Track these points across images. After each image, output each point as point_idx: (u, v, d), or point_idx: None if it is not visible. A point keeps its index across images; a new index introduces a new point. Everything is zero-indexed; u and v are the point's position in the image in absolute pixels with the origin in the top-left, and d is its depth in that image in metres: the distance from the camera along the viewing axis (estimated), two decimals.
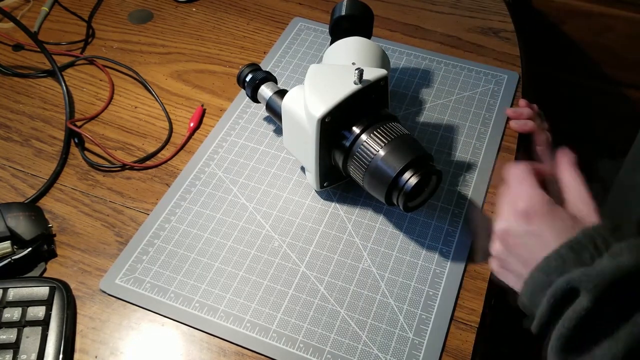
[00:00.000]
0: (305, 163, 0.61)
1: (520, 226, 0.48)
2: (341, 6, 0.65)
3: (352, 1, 0.66)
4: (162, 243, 0.59)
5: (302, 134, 0.57)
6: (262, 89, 0.65)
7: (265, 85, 0.65)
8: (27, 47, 0.80)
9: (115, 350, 0.53)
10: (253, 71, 0.66)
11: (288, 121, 0.59)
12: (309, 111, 0.54)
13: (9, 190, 0.64)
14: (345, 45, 0.63)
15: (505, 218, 0.49)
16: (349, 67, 0.57)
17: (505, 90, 0.74)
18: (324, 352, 0.52)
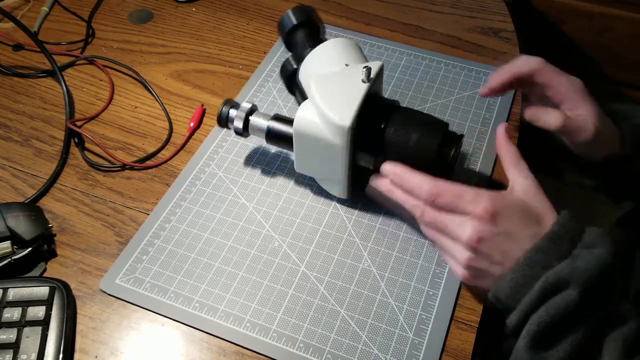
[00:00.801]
0: (330, 177, 0.60)
1: (488, 230, 0.48)
2: (288, 18, 0.64)
3: (296, 10, 0.64)
4: (162, 243, 0.59)
5: (325, 150, 0.56)
6: (253, 120, 0.61)
7: (255, 115, 0.62)
8: (27, 47, 0.80)
9: (115, 350, 0.53)
10: (233, 106, 0.62)
11: (304, 143, 0.57)
12: (334, 123, 0.53)
13: (9, 190, 0.64)
14: (327, 50, 0.61)
15: (470, 225, 0.48)
16: (349, 69, 0.57)
17: None
18: (324, 352, 0.52)
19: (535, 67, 0.56)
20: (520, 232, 0.48)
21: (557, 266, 0.45)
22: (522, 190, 0.50)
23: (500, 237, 0.48)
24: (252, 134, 0.62)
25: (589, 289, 0.44)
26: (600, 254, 0.45)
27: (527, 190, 0.50)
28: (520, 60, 0.57)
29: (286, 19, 0.64)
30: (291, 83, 0.66)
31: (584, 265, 0.44)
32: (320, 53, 0.60)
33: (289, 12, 0.64)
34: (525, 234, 0.48)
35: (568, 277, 0.44)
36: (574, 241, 0.46)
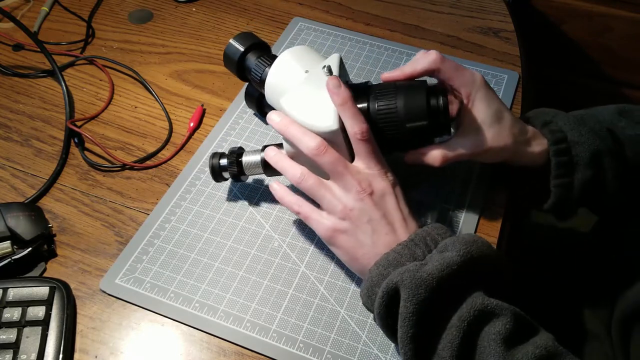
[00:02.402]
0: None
1: (367, 205, 0.51)
2: (234, 46, 0.63)
3: (239, 36, 0.64)
4: (162, 243, 0.59)
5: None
6: (246, 160, 0.60)
7: (245, 155, 0.60)
8: (27, 47, 0.80)
9: (115, 350, 0.53)
10: (222, 157, 0.60)
11: (303, 162, 0.55)
12: (323, 131, 0.53)
13: (9, 190, 0.64)
14: (282, 66, 0.59)
15: (354, 193, 0.51)
16: (310, 75, 0.56)
17: (505, 90, 0.74)
18: (324, 352, 0.52)
19: (432, 66, 0.55)
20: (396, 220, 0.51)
21: (400, 269, 0.47)
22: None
23: (377, 212, 0.51)
24: (249, 174, 0.61)
25: (441, 288, 0.45)
26: (446, 256, 0.46)
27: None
28: (419, 58, 0.56)
29: (232, 48, 0.63)
30: (262, 107, 0.67)
31: (432, 266, 0.46)
32: (276, 72, 0.59)
33: (232, 41, 0.64)
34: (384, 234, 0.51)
35: (400, 282, 0.46)
36: (429, 246, 0.49)
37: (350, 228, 0.51)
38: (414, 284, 0.45)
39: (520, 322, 0.45)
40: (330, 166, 0.51)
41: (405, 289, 0.45)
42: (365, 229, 0.50)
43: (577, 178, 0.56)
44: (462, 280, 0.46)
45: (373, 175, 0.51)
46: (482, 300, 0.45)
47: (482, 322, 0.45)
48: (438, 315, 0.45)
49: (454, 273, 0.46)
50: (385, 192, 0.51)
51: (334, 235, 0.52)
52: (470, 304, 0.45)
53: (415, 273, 0.45)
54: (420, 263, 0.47)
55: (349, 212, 0.51)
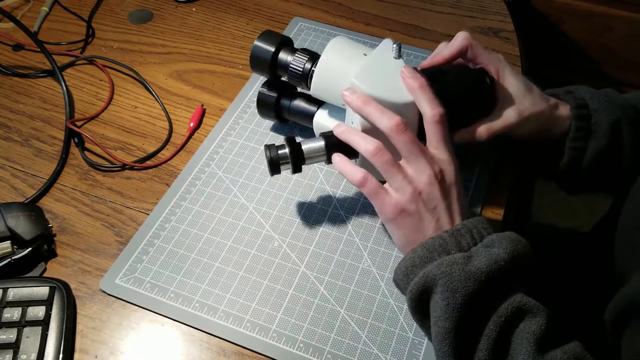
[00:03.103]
0: None
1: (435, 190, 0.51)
2: (263, 47, 0.62)
3: (264, 35, 0.63)
4: (162, 243, 0.59)
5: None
6: (307, 146, 0.57)
7: (304, 142, 0.57)
8: (27, 47, 0.80)
9: (115, 350, 0.53)
10: (279, 146, 0.57)
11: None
12: (400, 103, 0.53)
13: (9, 190, 0.64)
14: (336, 52, 0.60)
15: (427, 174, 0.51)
16: (374, 55, 0.57)
17: None
18: (324, 352, 0.52)
19: (466, 42, 0.58)
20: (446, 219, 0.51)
21: (451, 256, 0.48)
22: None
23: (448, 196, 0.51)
24: (309, 162, 0.57)
25: (488, 283, 0.46)
26: (497, 253, 0.47)
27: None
28: (450, 43, 0.59)
29: (260, 49, 0.62)
30: (280, 111, 0.66)
31: (481, 261, 0.47)
32: (330, 58, 0.59)
33: (258, 43, 0.63)
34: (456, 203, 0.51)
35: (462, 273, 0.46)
36: (475, 239, 0.49)
37: (416, 211, 0.50)
38: (463, 276, 0.46)
39: (553, 325, 0.46)
40: (408, 146, 0.50)
41: (454, 280, 0.46)
42: (430, 216, 0.50)
43: (591, 146, 0.58)
44: (506, 277, 0.47)
45: (445, 161, 0.51)
46: (521, 298, 0.46)
47: (519, 320, 0.46)
48: (481, 309, 0.46)
49: (500, 269, 0.46)
50: (453, 181, 0.51)
51: (400, 215, 0.51)
52: (510, 300, 0.46)
53: (464, 266, 0.46)
54: (466, 255, 0.47)
55: (418, 195, 0.50)
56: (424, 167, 0.50)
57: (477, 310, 0.46)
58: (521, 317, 0.46)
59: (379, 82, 0.54)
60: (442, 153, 0.51)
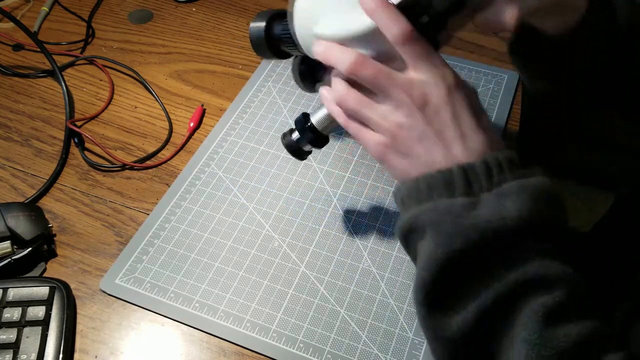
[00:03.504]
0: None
1: (437, 93, 0.42)
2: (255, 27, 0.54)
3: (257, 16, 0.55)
4: (162, 243, 0.59)
5: None
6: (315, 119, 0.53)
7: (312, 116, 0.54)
8: (27, 47, 0.80)
9: (115, 350, 0.53)
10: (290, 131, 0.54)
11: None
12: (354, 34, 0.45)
13: (9, 190, 0.64)
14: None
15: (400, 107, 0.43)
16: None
17: (505, 90, 0.74)
18: (324, 352, 0.52)
19: None
20: (468, 124, 0.42)
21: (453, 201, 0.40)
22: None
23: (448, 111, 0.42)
24: (326, 132, 0.53)
25: (483, 245, 0.38)
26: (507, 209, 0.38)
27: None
28: None
29: (254, 30, 0.54)
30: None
31: (480, 214, 0.38)
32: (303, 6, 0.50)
33: (252, 24, 0.54)
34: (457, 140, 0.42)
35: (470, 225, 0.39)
36: (492, 181, 0.40)
37: (401, 147, 0.44)
38: (452, 230, 0.38)
39: (576, 297, 0.38)
40: (373, 80, 0.43)
41: (440, 233, 0.39)
42: (418, 148, 0.43)
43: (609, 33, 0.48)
44: (514, 242, 0.39)
45: (426, 83, 0.43)
46: (537, 269, 0.38)
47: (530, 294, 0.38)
48: (474, 272, 0.39)
49: (506, 231, 0.38)
50: (441, 103, 0.42)
51: (385, 153, 0.45)
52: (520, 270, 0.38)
53: (457, 218, 0.39)
54: (469, 202, 0.39)
55: (399, 130, 0.43)
56: (399, 97, 0.43)
57: (467, 272, 0.39)
58: (534, 291, 0.38)
59: (337, 19, 0.47)
60: (422, 73, 0.43)
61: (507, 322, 0.38)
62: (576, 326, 0.37)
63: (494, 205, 0.39)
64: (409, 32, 0.43)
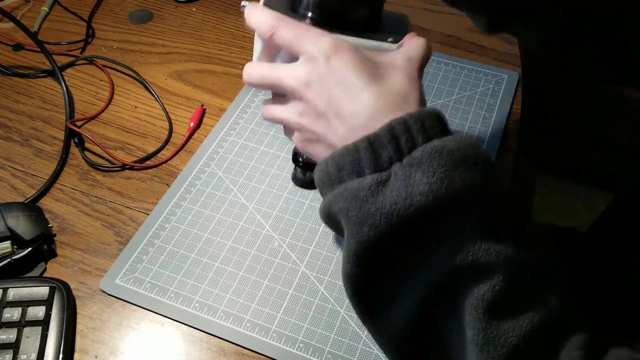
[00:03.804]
0: None
1: (318, 71, 0.39)
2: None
3: None
4: (162, 243, 0.59)
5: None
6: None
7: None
8: (27, 47, 0.80)
9: (115, 350, 0.53)
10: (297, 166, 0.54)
11: None
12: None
13: (9, 190, 0.64)
14: None
15: (303, 68, 0.40)
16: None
17: (505, 90, 0.74)
18: (324, 352, 0.52)
19: None
20: (356, 79, 0.38)
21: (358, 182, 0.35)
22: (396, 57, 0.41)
23: (331, 78, 0.38)
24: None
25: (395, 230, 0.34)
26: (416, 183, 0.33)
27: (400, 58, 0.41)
28: None
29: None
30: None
31: (387, 196, 0.34)
32: None
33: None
34: (360, 86, 0.38)
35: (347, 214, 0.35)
36: (401, 151, 0.35)
37: (309, 135, 0.41)
38: (359, 218, 0.34)
39: (520, 280, 0.33)
40: (269, 82, 0.42)
41: (349, 222, 0.35)
42: (320, 130, 0.40)
43: None
44: (431, 219, 0.34)
45: (303, 64, 0.40)
46: (465, 255, 0.33)
47: (463, 284, 0.33)
48: (394, 262, 0.35)
49: (415, 212, 0.33)
50: (321, 76, 0.39)
51: (305, 147, 0.43)
52: (446, 256, 0.33)
53: (363, 203, 0.34)
54: (379, 180, 0.34)
55: (300, 119, 0.41)
56: (287, 89, 0.41)
57: (388, 261, 0.35)
58: (468, 281, 0.33)
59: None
60: (297, 53, 0.41)
61: (451, 318, 0.34)
62: (525, 315, 0.33)
63: (403, 180, 0.34)
64: (270, 26, 0.41)
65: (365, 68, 0.39)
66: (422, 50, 0.42)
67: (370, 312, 0.37)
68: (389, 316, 0.36)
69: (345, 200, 0.35)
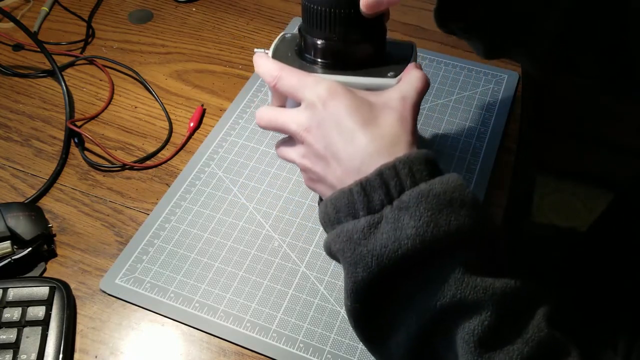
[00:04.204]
0: None
1: (316, 116, 0.41)
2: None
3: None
4: (162, 243, 0.59)
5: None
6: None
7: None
8: (27, 47, 0.80)
9: (115, 350, 0.53)
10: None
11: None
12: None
13: (9, 190, 0.64)
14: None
15: (304, 114, 0.43)
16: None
17: (505, 90, 0.74)
18: (324, 352, 0.52)
19: None
20: (351, 122, 0.40)
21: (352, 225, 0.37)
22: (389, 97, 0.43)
23: (328, 123, 0.41)
24: None
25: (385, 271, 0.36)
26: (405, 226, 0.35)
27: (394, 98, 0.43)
28: None
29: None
30: None
31: (378, 239, 0.36)
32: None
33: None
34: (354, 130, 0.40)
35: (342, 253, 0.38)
36: (390, 195, 0.37)
37: (312, 175, 0.44)
38: (353, 259, 0.36)
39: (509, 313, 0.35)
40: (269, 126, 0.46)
41: (345, 262, 0.37)
42: (321, 171, 0.43)
43: None
44: (419, 260, 0.36)
45: (304, 108, 0.43)
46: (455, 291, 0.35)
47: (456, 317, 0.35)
48: (388, 300, 0.37)
49: (404, 255, 0.35)
50: (319, 123, 0.41)
51: (311, 186, 0.46)
52: (440, 294, 0.35)
53: (356, 246, 0.36)
54: (371, 222, 0.36)
55: (304, 161, 0.44)
56: (291, 132, 0.44)
57: (383, 299, 0.37)
58: (458, 317, 0.35)
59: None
60: (298, 100, 0.44)
61: (448, 350, 0.36)
62: (516, 347, 0.34)
63: (393, 223, 0.36)
64: (273, 76, 0.45)
65: (360, 111, 0.41)
66: (418, 84, 0.44)
67: (371, 343, 0.39)
68: (389, 347, 0.38)
69: (341, 242, 0.38)
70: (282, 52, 0.49)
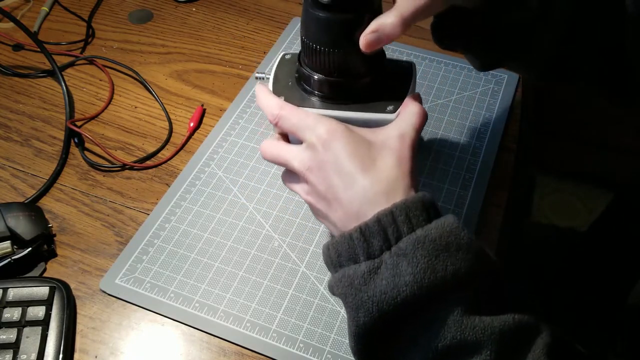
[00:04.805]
0: None
1: (317, 157, 0.42)
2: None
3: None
4: (162, 243, 0.59)
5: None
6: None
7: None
8: (27, 47, 0.80)
9: (115, 350, 0.53)
10: None
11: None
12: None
13: (9, 190, 0.64)
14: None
15: (305, 153, 0.43)
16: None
17: (505, 90, 0.74)
18: (324, 352, 0.52)
19: None
20: (350, 164, 0.41)
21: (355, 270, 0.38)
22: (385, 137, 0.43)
23: (328, 166, 0.41)
24: None
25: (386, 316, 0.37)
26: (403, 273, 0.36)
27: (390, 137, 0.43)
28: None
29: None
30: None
31: (377, 285, 0.37)
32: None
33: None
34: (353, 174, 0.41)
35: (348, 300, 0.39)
36: (389, 241, 0.38)
37: (317, 213, 0.45)
38: (355, 304, 0.38)
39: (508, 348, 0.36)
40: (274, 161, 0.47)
41: (347, 307, 0.39)
42: (324, 210, 0.43)
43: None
44: (418, 306, 0.37)
45: (305, 147, 0.44)
46: (454, 333, 0.36)
47: (456, 357, 0.36)
48: (390, 342, 0.38)
49: (402, 301, 0.36)
50: (319, 164, 0.42)
51: (319, 220, 0.47)
52: (436, 337, 0.36)
53: (357, 291, 0.37)
54: (372, 268, 0.38)
55: (308, 198, 0.45)
56: (294, 169, 0.45)
57: (385, 342, 0.38)
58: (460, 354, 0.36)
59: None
60: (301, 139, 0.44)
61: None
62: None
63: (392, 270, 0.37)
64: (274, 115, 0.45)
65: (359, 153, 0.42)
66: (416, 120, 0.44)
67: None
68: None
69: (343, 286, 0.39)
70: (283, 80, 0.50)
